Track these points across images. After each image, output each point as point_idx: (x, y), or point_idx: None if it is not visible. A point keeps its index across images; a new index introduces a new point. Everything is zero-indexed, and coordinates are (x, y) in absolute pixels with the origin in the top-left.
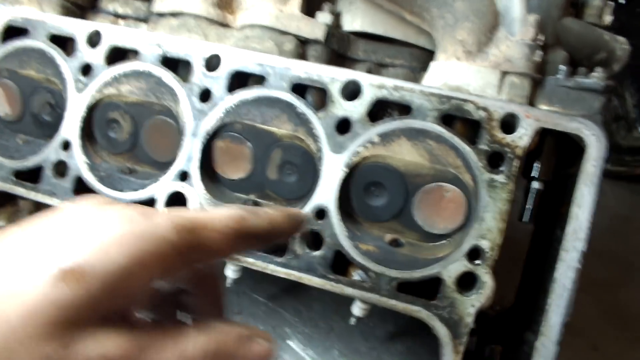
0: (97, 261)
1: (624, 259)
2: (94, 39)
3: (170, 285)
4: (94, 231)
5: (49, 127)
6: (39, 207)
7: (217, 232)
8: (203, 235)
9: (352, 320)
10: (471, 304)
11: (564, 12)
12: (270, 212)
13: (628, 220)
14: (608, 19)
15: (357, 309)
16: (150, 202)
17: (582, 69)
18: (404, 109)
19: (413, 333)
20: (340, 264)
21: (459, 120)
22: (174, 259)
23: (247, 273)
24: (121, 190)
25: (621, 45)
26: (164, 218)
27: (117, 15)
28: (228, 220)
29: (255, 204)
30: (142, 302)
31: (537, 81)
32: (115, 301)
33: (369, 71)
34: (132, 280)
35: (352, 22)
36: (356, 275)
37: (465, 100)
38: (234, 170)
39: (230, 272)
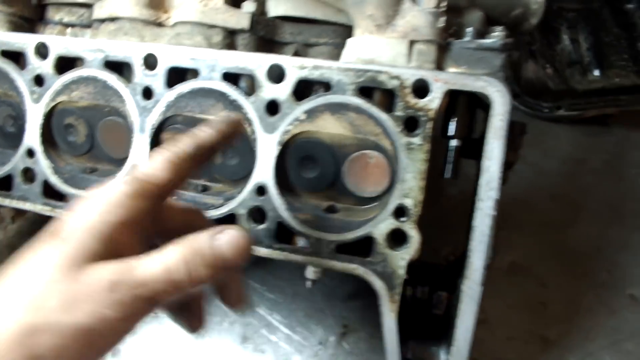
0: (73, 218)
1: (575, 199)
2: (42, 51)
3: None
4: (76, 202)
5: (14, 138)
6: (18, 212)
7: (157, 170)
8: (148, 175)
9: (308, 284)
10: (401, 258)
11: None
12: (200, 129)
13: (581, 162)
14: None
15: (310, 273)
16: None
17: (497, 27)
18: (326, 85)
19: (369, 291)
20: (285, 234)
21: (378, 90)
22: (132, 202)
23: None
24: (85, 189)
25: None
26: (116, 181)
27: (64, 24)
28: (159, 155)
29: (205, 187)
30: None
31: (444, 46)
32: (98, 241)
33: (297, 52)
34: (105, 225)
35: (276, 7)
36: (300, 242)
37: (378, 72)
38: None
39: None
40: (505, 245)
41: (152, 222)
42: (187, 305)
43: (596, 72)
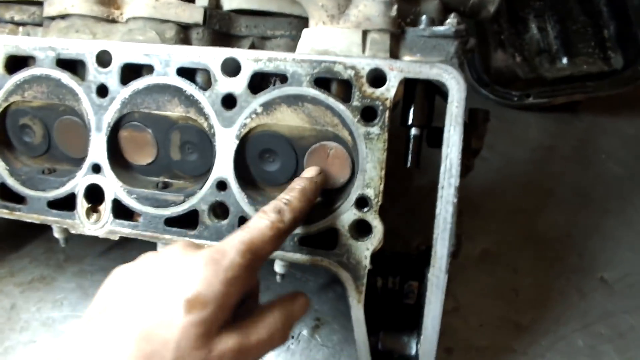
0: (206, 291)
1: (545, 186)
2: None
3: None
4: (197, 270)
5: None
6: None
7: (266, 243)
8: (259, 249)
9: (278, 278)
10: (366, 248)
11: None
12: (290, 200)
13: (551, 149)
14: None
15: (278, 267)
16: (71, 197)
17: (453, 14)
18: (283, 78)
19: (340, 282)
20: None
21: (334, 81)
22: (246, 274)
23: None
24: (43, 190)
25: None
26: (232, 251)
27: (15, 23)
28: (268, 229)
29: (166, 184)
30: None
31: (397, 35)
32: (224, 312)
33: (252, 45)
34: (229, 297)
35: (231, 1)
36: None
37: (333, 62)
38: (142, 157)
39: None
40: (477, 233)
41: None
42: None
43: (564, 60)
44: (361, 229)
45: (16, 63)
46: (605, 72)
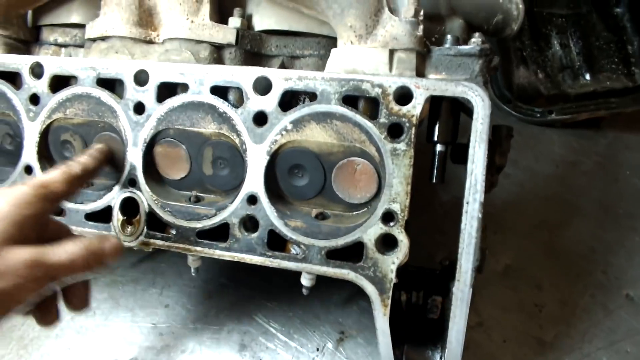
0: (2, 217)
1: (568, 201)
2: (36, 71)
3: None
4: None
5: (13, 155)
6: None
7: (56, 182)
8: (48, 184)
9: (304, 290)
10: (392, 261)
11: None
12: (84, 157)
13: (574, 165)
14: None
15: (305, 280)
16: (107, 209)
17: (478, 33)
18: (312, 95)
19: (365, 295)
20: (277, 242)
21: (362, 99)
22: (36, 200)
23: (209, 262)
24: (82, 203)
25: (516, 4)
26: (25, 185)
27: (58, 45)
28: (58, 173)
29: (198, 198)
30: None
31: (424, 54)
32: (15, 228)
33: (282, 64)
34: (18, 216)
35: (262, 22)
36: (293, 249)
37: (361, 81)
38: (175, 171)
39: (191, 261)
40: (500, 249)
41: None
42: (45, 302)
43: (587, 76)
44: (387, 243)
45: (59, 82)
46: (628, 88)
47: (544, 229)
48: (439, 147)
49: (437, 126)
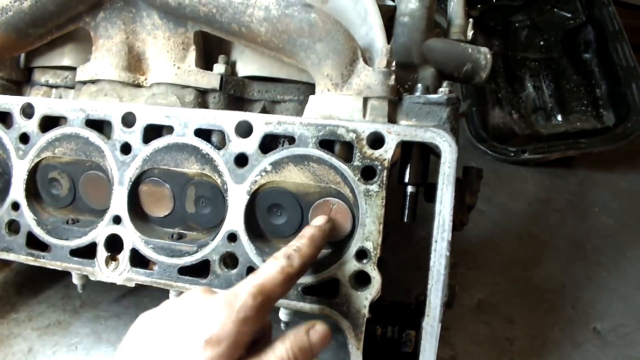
0: (221, 330)
1: (540, 238)
2: (27, 111)
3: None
4: (212, 312)
5: (0, 192)
6: (3, 263)
7: (276, 286)
8: (269, 291)
9: (282, 326)
10: (365, 297)
11: (428, 34)
12: (300, 247)
13: (546, 202)
14: (470, 34)
15: (283, 315)
16: (92, 246)
17: (446, 82)
18: (291, 139)
19: (340, 330)
20: None
21: (338, 143)
22: (257, 314)
23: None
24: (67, 239)
25: (484, 55)
26: (244, 293)
27: (49, 86)
28: (278, 274)
29: (180, 235)
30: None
31: (395, 101)
32: (237, 349)
33: (264, 109)
34: (241, 335)
35: (245, 68)
36: None
37: (337, 126)
38: (159, 209)
39: (173, 297)
40: (474, 284)
41: None
42: None
43: (559, 117)
44: (361, 279)
45: (49, 122)
46: (597, 129)
47: (517, 265)
48: (410, 189)
49: (408, 169)
